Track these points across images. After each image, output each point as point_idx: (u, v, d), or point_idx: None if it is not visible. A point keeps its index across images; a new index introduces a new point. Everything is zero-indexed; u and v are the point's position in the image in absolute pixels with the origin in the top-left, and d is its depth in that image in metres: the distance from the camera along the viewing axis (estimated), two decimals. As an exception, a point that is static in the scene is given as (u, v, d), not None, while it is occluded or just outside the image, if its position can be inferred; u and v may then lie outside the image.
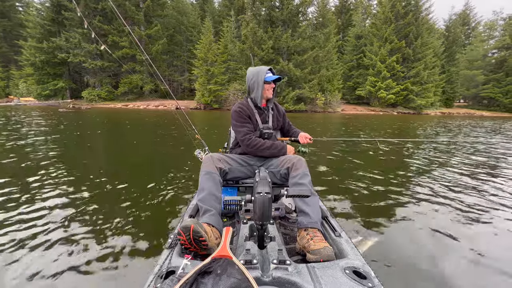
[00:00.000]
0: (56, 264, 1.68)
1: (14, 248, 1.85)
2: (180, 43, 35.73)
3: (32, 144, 5.71)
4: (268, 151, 1.73)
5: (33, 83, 32.50)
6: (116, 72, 33.14)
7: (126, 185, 3.22)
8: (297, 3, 27.11)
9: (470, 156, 5.55)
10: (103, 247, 1.88)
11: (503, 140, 8.69)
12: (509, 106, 36.42)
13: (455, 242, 2.06)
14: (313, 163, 4.59)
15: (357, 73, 34.16)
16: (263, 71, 1.77)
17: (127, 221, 2.27)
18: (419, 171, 4.19)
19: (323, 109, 28.09)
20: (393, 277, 1.61)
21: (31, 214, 2.37)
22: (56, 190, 2.98)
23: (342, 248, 1.21)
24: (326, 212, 1.59)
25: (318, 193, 1.81)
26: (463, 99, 44.43)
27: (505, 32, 39.13)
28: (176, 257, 1.09)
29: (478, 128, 13.57)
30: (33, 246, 1.88)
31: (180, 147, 6.04)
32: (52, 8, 31.68)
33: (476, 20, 46.05)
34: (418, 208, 2.71)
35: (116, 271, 1.62)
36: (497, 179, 3.82)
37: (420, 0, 31.01)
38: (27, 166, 3.95)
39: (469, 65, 39.15)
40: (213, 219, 1.34)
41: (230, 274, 0.88)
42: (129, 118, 14.44)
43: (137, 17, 31.22)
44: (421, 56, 30.58)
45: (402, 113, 29.96)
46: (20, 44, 31.20)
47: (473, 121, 20.55)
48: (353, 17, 39.50)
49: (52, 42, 30.35)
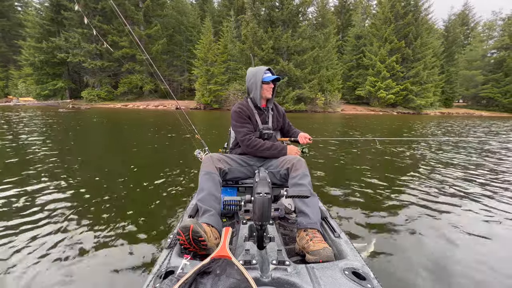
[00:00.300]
0: (55, 264, 1.67)
1: (14, 247, 1.85)
2: (180, 43, 35.69)
3: (34, 144, 5.69)
4: (268, 152, 1.73)
5: (32, 83, 32.37)
6: (116, 72, 33.09)
7: (126, 185, 3.21)
8: (297, 3, 27.12)
9: (471, 156, 5.55)
10: (102, 247, 1.87)
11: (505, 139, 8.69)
12: (508, 106, 36.52)
13: (455, 242, 2.05)
14: (313, 163, 4.58)
15: (356, 73, 34.20)
16: (261, 71, 1.77)
17: (127, 221, 2.26)
18: (420, 172, 4.17)
19: (323, 109, 28.11)
20: (392, 278, 1.61)
21: (31, 214, 2.36)
22: (56, 189, 2.97)
23: (342, 249, 1.21)
24: (325, 212, 1.58)
25: (317, 194, 1.80)
26: (462, 99, 44.52)
27: (504, 32, 39.22)
28: (175, 257, 1.08)
29: (481, 128, 13.57)
30: (33, 245, 1.87)
31: (179, 147, 6.03)
32: (51, 8, 31.59)
33: (475, 21, 46.20)
34: (418, 209, 2.69)
35: (115, 271, 1.62)
36: (500, 180, 3.80)
37: (419, 0, 31.07)
38: (30, 166, 3.93)
39: (468, 65, 39.24)
40: (213, 219, 1.34)
41: (229, 274, 0.88)
42: (129, 119, 14.42)
43: (136, 16, 31.18)
44: (421, 56, 30.64)
45: (401, 113, 30.01)
46: (19, 44, 31.12)
47: (481, 121, 20.55)
48: (352, 17, 39.55)
49: (52, 42, 30.25)
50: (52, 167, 3.92)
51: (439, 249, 1.97)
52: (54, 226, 2.16)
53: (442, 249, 1.96)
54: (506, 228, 2.33)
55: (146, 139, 7.16)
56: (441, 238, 2.11)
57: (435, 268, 1.73)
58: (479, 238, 2.12)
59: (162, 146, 6.18)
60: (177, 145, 6.37)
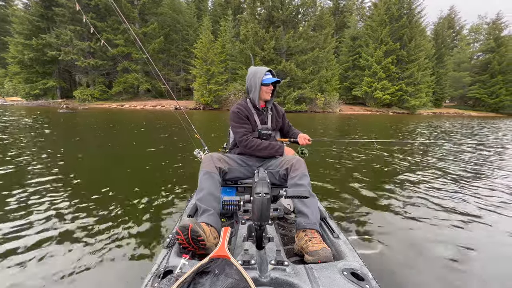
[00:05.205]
0: (53, 263, 1.66)
1: (14, 247, 1.83)
2: (176, 42, 35.09)
3: (38, 146, 5.45)
4: (265, 151, 1.72)
5: (20, 81, 30.76)
6: (109, 71, 32.12)
7: (125, 185, 3.18)
8: (298, 3, 27.31)
9: (473, 156, 5.59)
10: (101, 246, 1.86)
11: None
12: (494, 106, 38.41)
13: (455, 243, 2.03)
14: (312, 164, 4.55)
15: (353, 74, 34.86)
16: (262, 72, 1.74)
17: (125, 220, 2.25)
18: (419, 173, 4.12)
19: (322, 109, 28.50)
20: (391, 279, 1.59)
21: (31, 214, 2.34)
22: (56, 189, 2.95)
23: (340, 250, 1.22)
24: (324, 213, 1.59)
25: (317, 194, 1.80)
26: (449, 99, 46.36)
27: (489, 35, 41.16)
28: (174, 257, 1.08)
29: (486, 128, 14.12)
30: (32, 245, 1.86)
31: (179, 147, 5.97)
32: (41, 3, 30.13)
33: (460, 24, 48.17)
34: (417, 210, 2.67)
35: (113, 271, 1.61)
36: (503, 181, 3.72)
37: (413, 4, 32.07)
38: (35, 168, 3.81)
39: (456, 67, 40.90)
40: (212, 219, 1.34)
41: (228, 274, 0.88)
42: (129, 119, 14.03)
43: (132, 14, 30.38)
44: (415, 58, 31.64)
45: (396, 113, 30.90)
46: (6, 41, 29.49)
47: (473, 121, 21.35)
48: (346, 18, 40.27)
49: (42, 39, 28.87)
50: (53, 166, 3.88)
51: (439, 249, 1.94)
52: (52, 225, 2.15)
53: (442, 250, 1.94)
54: (506, 228, 2.33)
55: (146, 139, 7.04)
56: (441, 239, 2.09)
57: (435, 268, 1.71)
58: (480, 240, 2.10)
59: (162, 145, 6.08)
60: (177, 144, 6.30)
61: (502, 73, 38.05)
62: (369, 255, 1.82)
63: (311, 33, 27.65)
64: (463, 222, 2.41)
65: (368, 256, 1.80)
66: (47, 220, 2.22)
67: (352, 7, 43.12)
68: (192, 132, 2.68)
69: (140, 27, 31.53)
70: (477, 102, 40.85)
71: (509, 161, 5.26)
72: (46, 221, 2.21)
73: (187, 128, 2.80)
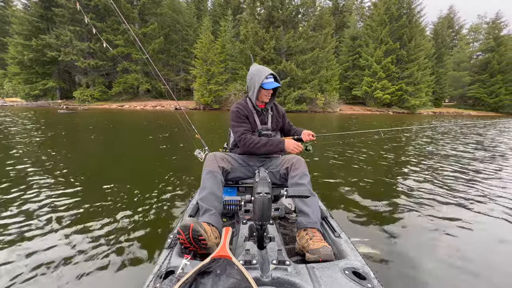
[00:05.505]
0: (53, 263, 1.66)
1: (14, 247, 1.83)
2: (176, 42, 35.07)
3: (42, 147, 5.43)
4: (264, 148, 1.69)
5: (20, 82, 30.73)
6: (109, 72, 32.10)
7: (125, 185, 3.18)
8: (297, 3, 27.31)
9: (475, 156, 5.59)
10: (102, 246, 1.86)
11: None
12: (493, 106, 38.41)
13: (456, 243, 2.02)
14: (313, 162, 4.55)
15: (352, 74, 34.84)
16: (263, 75, 1.68)
17: (127, 221, 2.24)
18: (420, 172, 4.10)
19: (322, 109, 28.49)
20: (393, 278, 1.59)
21: (31, 214, 2.34)
22: (56, 189, 2.96)
23: (342, 249, 1.22)
24: (325, 212, 1.58)
25: (318, 193, 1.79)
26: (449, 99, 46.38)
27: (489, 35, 41.18)
28: (175, 257, 1.08)
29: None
30: (32, 245, 1.86)
31: (180, 147, 5.97)
32: (40, 4, 30.10)
33: (460, 24, 48.20)
34: (419, 208, 2.65)
35: (115, 271, 1.61)
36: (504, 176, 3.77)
37: (412, 3, 32.08)
38: (35, 168, 3.82)
39: (456, 66, 40.91)
40: (213, 219, 1.34)
41: (229, 274, 0.88)
42: (129, 119, 14.02)
43: (132, 14, 30.36)
44: (414, 57, 31.63)
45: (397, 113, 30.87)
46: (5, 41, 29.46)
47: (473, 120, 21.36)
48: (345, 18, 40.27)
49: (41, 40, 28.84)
50: (53, 166, 3.89)
51: (441, 248, 1.93)
52: (53, 224, 2.15)
53: (443, 249, 1.93)
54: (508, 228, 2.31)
55: (146, 139, 7.03)
56: (444, 239, 2.08)
57: (436, 267, 1.70)
58: (481, 239, 2.09)
59: (162, 145, 6.09)
60: (177, 144, 6.30)
61: (501, 73, 38.05)
62: (371, 254, 1.81)
63: (311, 33, 27.65)
64: (469, 221, 2.38)
65: (369, 255, 1.80)
66: (47, 221, 2.21)
67: (352, 7, 43.17)
68: (192, 132, 2.69)
69: (140, 28, 31.52)
70: (476, 102, 40.85)
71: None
72: (47, 222, 2.20)
73: (187, 128, 2.83)
